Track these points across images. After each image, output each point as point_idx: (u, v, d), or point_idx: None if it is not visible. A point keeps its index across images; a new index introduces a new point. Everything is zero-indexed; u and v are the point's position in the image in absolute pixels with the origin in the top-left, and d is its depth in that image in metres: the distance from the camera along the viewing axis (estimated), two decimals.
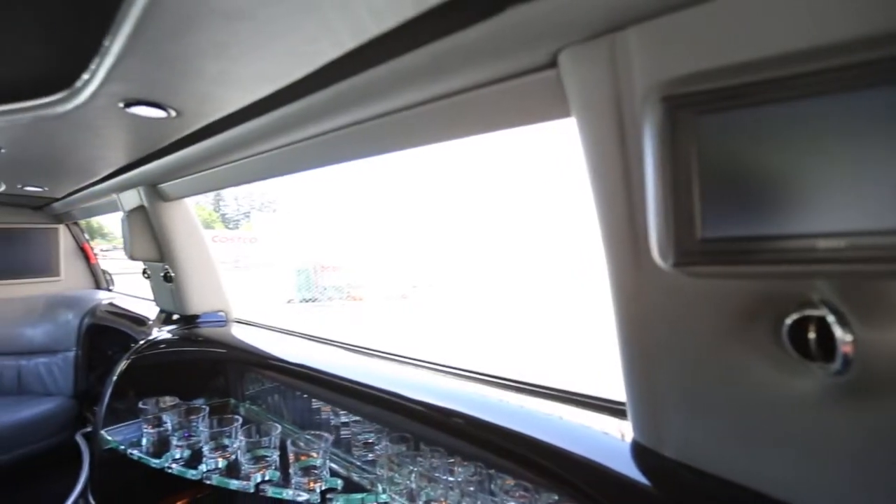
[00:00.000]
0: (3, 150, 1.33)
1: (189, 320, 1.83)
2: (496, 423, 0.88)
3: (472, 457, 0.94)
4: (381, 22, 0.58)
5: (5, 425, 2.24)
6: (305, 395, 1.42)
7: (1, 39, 0.77)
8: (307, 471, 1.16)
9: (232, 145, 1.16)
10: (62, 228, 2.93)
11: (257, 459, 1.22)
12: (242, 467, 1.21)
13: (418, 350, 1.32)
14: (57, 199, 2.38)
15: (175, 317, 1.89)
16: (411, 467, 1.06)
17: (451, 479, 0.96)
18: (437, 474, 0.99)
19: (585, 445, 0.75)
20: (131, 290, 2.99)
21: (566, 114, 0.65)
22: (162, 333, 1.67)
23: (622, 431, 0.78)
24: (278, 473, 1.19)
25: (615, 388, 0.86)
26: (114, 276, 3.21)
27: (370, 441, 1.25)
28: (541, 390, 1.01)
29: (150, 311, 2.26)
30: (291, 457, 1.15)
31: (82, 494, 1.65)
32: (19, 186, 1.98)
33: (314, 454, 1.18)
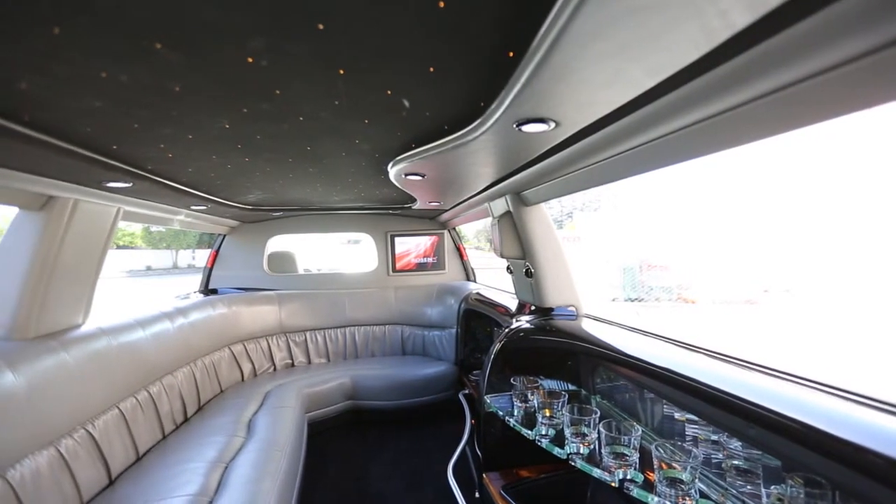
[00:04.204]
0: (426, 176, 1.79)
1: (545, 312, 2.07)
2: None
3: None
4: None
5: (417, 377, 3.14)
6: (664, 400, 1.36)
7: (440, 91, 0.92)
8: (672, 483, 1.10)
9: (596, 147, 1.16)
10: (446, 233, 3.86)
11: (616, 455, 1.24)
12: (603, 459, 1.26)
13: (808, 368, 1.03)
14: (445, 210, 3.13)
15: (532, 307, 2.17)
16: None
17: None
18: None
19: None
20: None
21: None
22: (522, 322, 1.94)
23: None
24: (641, 476, 1.18)
25: None
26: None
27: (749, 470, 1.08)
28: None
29: (504, 300, 2.68)
30: (656, 462, 1.12)
31: (469, 441, 2.12)
32: (427, 202, 2.70)
33: (677, 466, 1.11)
